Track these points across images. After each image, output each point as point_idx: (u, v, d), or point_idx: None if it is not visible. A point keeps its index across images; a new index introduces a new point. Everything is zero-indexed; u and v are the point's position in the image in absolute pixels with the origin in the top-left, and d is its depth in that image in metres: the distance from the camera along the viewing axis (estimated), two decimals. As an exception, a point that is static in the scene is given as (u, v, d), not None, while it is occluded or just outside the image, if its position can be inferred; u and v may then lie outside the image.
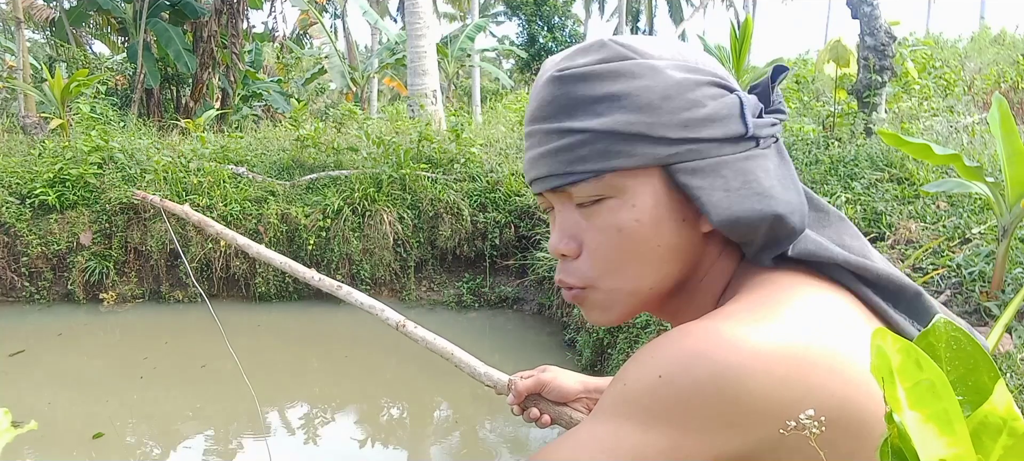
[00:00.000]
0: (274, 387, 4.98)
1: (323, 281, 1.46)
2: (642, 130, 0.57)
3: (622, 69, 0.58)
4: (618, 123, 0.57)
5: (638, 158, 0.57)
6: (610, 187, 0.59)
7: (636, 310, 0.64)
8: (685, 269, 0.62)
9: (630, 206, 0.59)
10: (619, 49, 0.59)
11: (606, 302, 0.63)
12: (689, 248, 0.61)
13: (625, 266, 0.60)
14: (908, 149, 2.84)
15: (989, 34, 11.48)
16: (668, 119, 0.57)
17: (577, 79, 0.59)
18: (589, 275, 0.62)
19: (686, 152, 0.57)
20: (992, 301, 3.08)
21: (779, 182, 0.59)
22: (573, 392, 0.90)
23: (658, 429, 0.50)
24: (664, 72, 0.58)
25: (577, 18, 26.27)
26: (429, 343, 1.19)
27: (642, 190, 0.58)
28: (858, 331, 0.55)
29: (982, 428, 0.30)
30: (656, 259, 0.60)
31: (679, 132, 0.57)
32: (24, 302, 6.71)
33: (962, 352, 0.33)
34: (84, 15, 12.36)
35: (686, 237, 0.61)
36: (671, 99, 0.57)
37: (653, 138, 0.57)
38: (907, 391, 0.30)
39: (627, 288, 0.61)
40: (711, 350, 0.49)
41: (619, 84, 0.57)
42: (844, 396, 0.49)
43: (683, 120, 0.57)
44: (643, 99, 0.57)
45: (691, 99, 0.57)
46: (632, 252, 0.60)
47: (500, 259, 6.73)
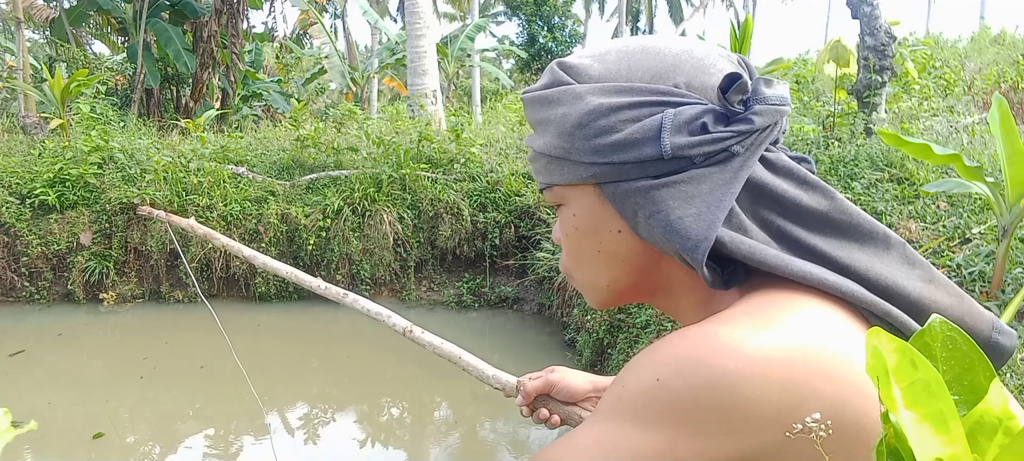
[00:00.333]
0: (274, 387, 4.98)
1: (330, 290, 1.46)
2: (562, 154, 0.62)
3: (551, 97, 0.62)
4: (548, 146, 0.63)
5: (566, 175, 0.63)
6: (559, 196, 0.66)
7: (612, 300, 0.69)
8: (638, 274, 0.65)
9: (571, 214, 0.65)
10: (559, 75, 0.63)
11: (583, 289, 0.70)
12: (633, 256, 0.64)
13: (578, 264, 0.68)
14: (908, 149, 2.84)
15: (989, 34, 11.48)
16: (581, 145, 0.60)
17: (527, 102, 0.66)
18: (566, 265, 0.71)
19: (603, 174, 0.60)
20: (992, 301, 3.08)
21: (697, 211, 0.57)
22: (582, 391, 0.90)
23: (655, 432, 0.50)
24: (583, 98, 0.60)
25: (577, 18, 26.27)
26: (436, 348, 1.20)
27: (580, 201, 0.64)
28: (855, 336, 0.55)
29: (978, 427, 0.30)
30: (601, 262, 0.65)
31: (590, 157, 0.60)
32: (24, 302, 6.71)
33: (958, 352, 0.33)
34: (84, 15, 12.36)
35: (627, 247, 0.63)
36: (582, 127, 0.60)
37: (572, 161, 0.62)
38: (903, 391, 0.30)
39: (589, 282, 0.68)
40: (708, 355, 0.49)
41: (547, 111, 0.63)
42: (842, 400, 0.49)
43: (593, 146, 0.60)
44: (561, 127, 0.61)
45: (602, 126, 0.59)
46: (579, 253, 0.67)
47: (500, 259, 6.73)
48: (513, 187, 6.73)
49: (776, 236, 0.60)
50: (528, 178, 6.84)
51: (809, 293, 0.57)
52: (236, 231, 6.71)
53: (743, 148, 0.58)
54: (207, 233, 1.70)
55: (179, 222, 1.83)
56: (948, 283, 0.62)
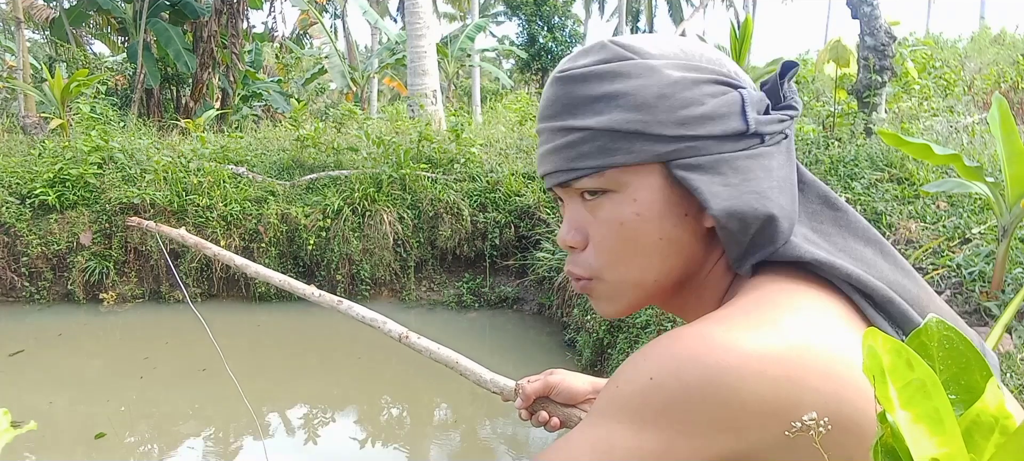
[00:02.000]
0: (274, 387, 4.98)
1: (323, 297, 1.45)
2: (639, 128, 0.58)
3: (619, 69, 0.59)
4: (615, 121, 0.58)
5: (636, 154, 0.59)
6: (612, 182, 0.60)
7: (642, 302, 0.65)
8: (688, 264, 0.63)
9: (631, 200, 0.60)
10: (618, 50, 0.60)
11: (612, 293, 0.64)
12: (691, 243, 0.62)
13: (628, 258, 0.62)
14: (908, 149, 2.84)
15: (989, 34, 11.48)
16: (664, 117, 0.58)
17: (577, 79, 0.61)
18: (595, 266, 0.63)
19: (684, 149, 0.58)
20: (992, 301, 3.08)
21: (778, 184, 0.60)
22: (582, 393, 0.90)
23: (650, 431, 0.50)
24: (661, 71, 0.59)
25: (577, 18, 26.26)
26: (433, 353, 1.18)
27: (642, 185, 0.60)
28: (852, 333, 0.55)
29: (974, 427, 0.30)
30: (658, 252, 0.61)
31: (675, 129, 0.58)
32: (24, 302, 6.71)
33: (954, 351, 0.33)
34: (84, 15, 12.36)
35: (688, 232, 0.61)
36: (667, 98, 0.58)
37: (650, 136, 0.58)
38: (899, 391, 0.30)
39: (631, 280, 0.63)
40: (703, 353, 0.49)
41: (616, 84, 0.59)
42: (838, 398, 0.49)
43: (679, 118, 0.58)
44: (639, 98, 0.58)
45: (688, 97, 0.58)
46: (634, 245, 0.61)
47: (500, 259, 6.73)
48: (513, 187, 6.72)
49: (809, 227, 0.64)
50: (528, 178, 6.84)
51: (812, 284, 0.58)
52: (236, 231, 6.72)
53: (790, 132, 0.63)
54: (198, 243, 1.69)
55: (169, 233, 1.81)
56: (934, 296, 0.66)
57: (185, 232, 1.77)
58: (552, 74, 0.64)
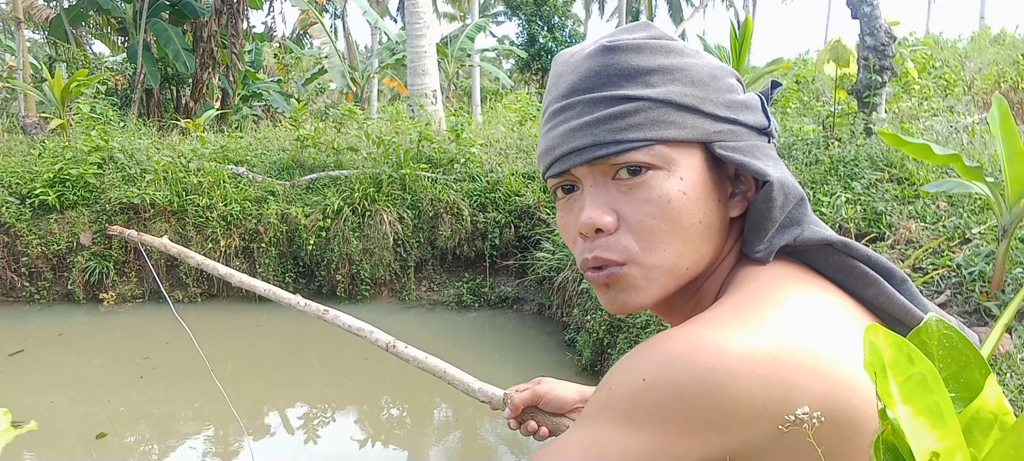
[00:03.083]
0: (274, 387, 4.99)
1: (309, 306, 1.44)
2: (695, 103, 0.59)
3: (673, 46, 0.61)
4: (673, 93, 0.59)
5: (689, 130, 0.59)
6: (659, 157, 0.58)
7: (668, 292, 0.62)
8: (714, 253, 0.63)
9: (678, 178, 0.59)
10: (664, 31, 0.63)
11: (643, 280, 0.61)
12: (720, 231, 0.63)
13: (668, 240, 0.59)
14: (908, 149, 2.84)
15: (989, 34, 11.48)
16: (716, 97, 0.61)
17: (630, 49, 0.60)
18: (631, 249, 0.60)
19: (728, 132, 0.61)
20: (992, 301, 3.08)
21: (790, 175, 0.64)
22: (570, 402, 0.90)
23: (641, 432, 0.50)
24: (705, 56, 0.63)
25: (577, 18, 26.25)
26: (421, 362, 1.16)
27: (689, 163, 0.60)
28: (844, 328, 0.55)
29: (974, 423, 0.31)
30: (696, 236, 0.60)
31: (724, 111, 0.61)
32: (24, 302, 6.71)
33: (954, 349, 0.34)
34: (83, 14, 12.36)
35: (720, 218, 0.63)
36: (717, 79, 0.61)
37: (703, 113, 0.60)
38: (899, 385, 0.30)
39: (667, 265, 0.60)
40: (692, 354, 0.50)
41: (672, 58, 0.60)
42: (828, 395, 0.49)
43: (727, 101, 0.61)
44: (695, 74, 0.60)
45: (730, 84, 0.62)
46: (677, 225, 0.59)
47: (500, 259, 6.73)
48: (513, 187, 6.73)
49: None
50: (528, 178, 6.84)
51: (807, 279, 0.60)
52: (236, 231, 6.72)
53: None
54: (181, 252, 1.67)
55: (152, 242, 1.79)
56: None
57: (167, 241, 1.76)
58: (591, 47, 0.61)
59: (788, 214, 0.62)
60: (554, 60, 0.67)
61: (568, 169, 0.61)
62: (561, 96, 0.62)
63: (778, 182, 0.60)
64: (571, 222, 0.63)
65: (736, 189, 0.64)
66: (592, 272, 0.62)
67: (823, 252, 0.61)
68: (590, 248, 0.61)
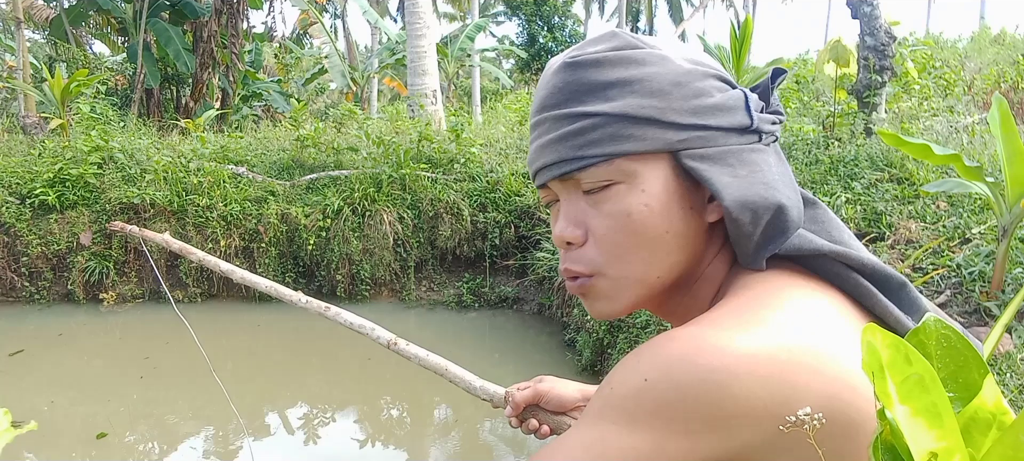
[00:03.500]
0: (275, 387, 4.99)
1: (310, 303, 1.43)
2: (653, 114, 0.58)
3: (634, 56, 0.59)
4: (630, 106, 0.58)
5: (649, 142, 0.58)
6: (620, 172, 0.59)
7: (641, 301, 0.63)
8: (690, 260, 0.63)
9: (640, 190, 0.59)
10: (630, 39, 0.61)
11: (612, 291, 0.62)
12: (695, 238, 0.62)
13: (634, 252, 0.60)
14: (908, 149, 2.85)
15: (989, 34, 11.48)
16: (678, 105, 0.58)
17: (589, 65, 0.60)
18: (597, 262, 0.61)
19: (695, 138, 0.59)
20: (992, 301, 3.08)
21: (779, 177, 0.61)
22: (571, 400, 0.89)
23: (643, 432, 0.50)
24: (673, 61, 0.60)
25: (577, 18, 26.27)
26: (422, 360, 1.16)
27: (652, 175, 0.59)
28: (844, 330, 0.55)
29: (972, 423, 0.31)
30: (664, 246, 0.60)
31: (689, 118, 0.59)
32: (24, 302, 6.71)
33: (952, 349, 0.34)
34: (83, 15, 12.36)
35: (693, 226, 0.61)
36: (681, 86, 0.59)
37: (664, 123, 0.58)
38: (897, 386, 0.30)
39: (635, 276, 0.61)
40: (694, 354, 0.50)
41: (631, 70, 0.59)
42: (829, 396, 0.49)
43: (692, 107, 0.59)
44: (654, 84, 0.59)
45: (699, 88, 0.59)
46: (641, 237, 0.60)
47: (500, 259, 6.73)
48: (513, 187, 6.73)
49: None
50: (528, 178, 6.84)
51: (807, 280, 0.59)
52: (236, 231, 6.72)
53: (779, 135, 0.65)
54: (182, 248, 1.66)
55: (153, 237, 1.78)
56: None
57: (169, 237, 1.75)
58: (557, 62, 0.62)
59: (765, 227, 0.59)
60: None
61: (545, 184, 0.64)
62: (535, 110, 0.64)
63: (735, 203, 0.58)
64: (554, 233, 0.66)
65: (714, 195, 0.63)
66: (568, 281, 0.65)
67: (818, 258, 0.60)
68: (564, 259, 0.64)
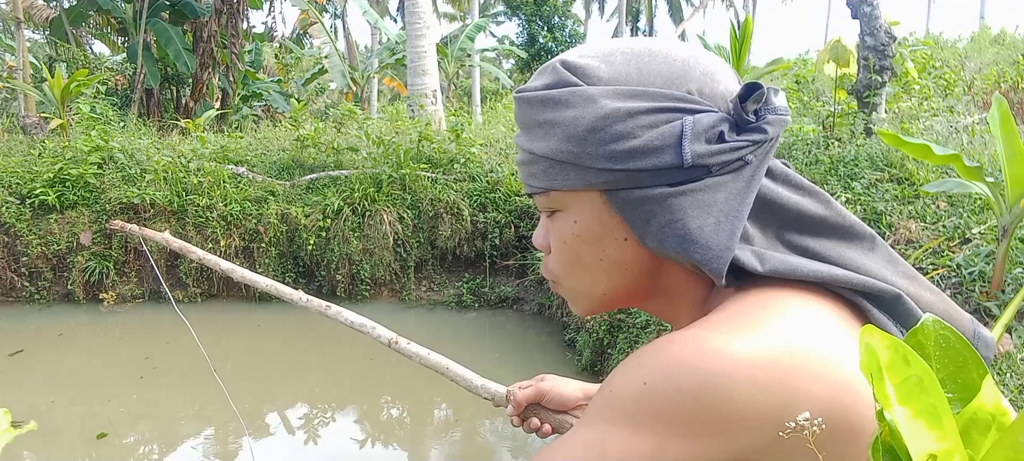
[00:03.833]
0: (274, 387, 4.99)
1: (311, 302, 1.43)
2: (571, 159, 0.59)
3: (559, 97, 0.59)
4: (552, 150, 0.60)
5: (572, 181, 0.60)
6: (557, 202, 0.63)
7: (601, 308, 0.68)
8: (638, 281, 0.64)
9: (572, 221, 0.63)
10: (564, 74, 0.59)
11: (572, 297, 0.69)
12: (635, 263, 0.62)
13: (577, 272, 0.65)
14: (908, 149, 2.85)
15: (989, 34, 11.48)
16: (593, 150, 0.58)
17: (526, 102, 0.62)
18: (556, 272, 0.67)
19: (615, 181, 0.58)
20: (992, 301, 3.08)
21: (716, 220, 0.57)
22: (573, 399, 0.90)
23: (642, 435, 0.50)
24: (597, 101, 0.57)
25: (577, 18, 26.27)
26: (423, 359, 1.16)
27: (583, 208, 0.62)
28: (842, 334, 0.55)
29: (971, 424, 0.31)
30: (602, 270, 0.64)
31: (604, 163, 0.58)
32: (24, 302, 6.71)
33: (951, 350, 0.34)
34: (83, 15, 12.36)
35: (631, 254, 0.62)
36: (597, 132, 0.57)
37: (581, 167, 0.59)
38: (896, 387, 0.30)
39: (582, 290, 0.66)
40: (694, 358, 0.50)
41: (554, 113, 0.59)
42: (830, 399, 0.49)
43: (608, 152, 0.57)
44: (571, 130, 0.59)
45: (618, 131, 0.57)
46: (578, 261, 0.64)
47: (500, 259, 6.73)
48: (513, 187, 6.73)
49: (781, 241, 0.62)
50: (528, 178, 6.84)
51: (801, 290, 0.58)
52: (236, 231, 6.72)
53: (756, 157, 0.58)
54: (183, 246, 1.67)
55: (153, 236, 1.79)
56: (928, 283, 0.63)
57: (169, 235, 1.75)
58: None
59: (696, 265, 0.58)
60: None
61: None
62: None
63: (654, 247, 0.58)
64: None
65: None
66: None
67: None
68: (543, 261, 0.70)
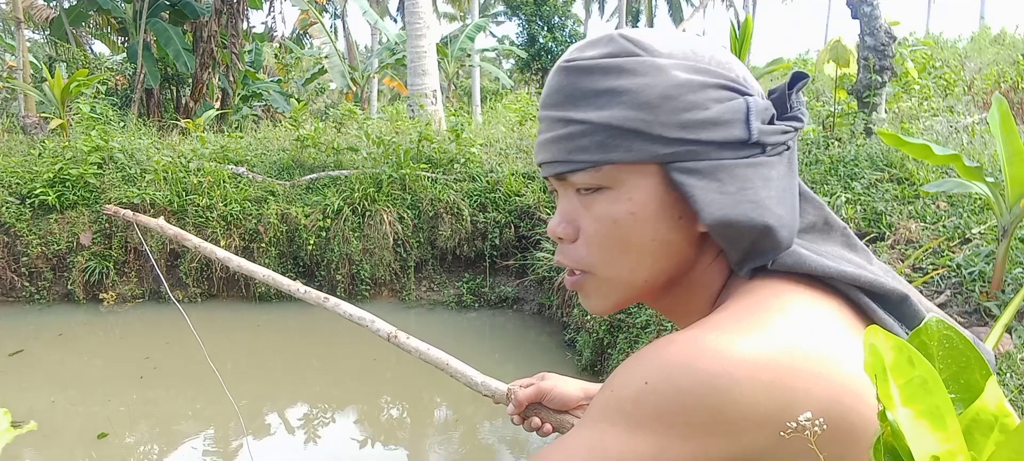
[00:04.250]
0: (274, 386, 4.99)
1: (309, 294, 1.40)
2: (639, 127, 0.57)
3: (625, 65, 0.58)
4: (616, 118, 0.57)
5: (635, 153, 0.58)
6: (608, 178, 0.59)
7: (630, 300, 0.64)
8: (679, 266, 0.62)
9: (626, 199, 0.59)
10: (626, 44, 0.59)
11: (600, 289, 0.64)
12: (684, 246, 0.61)
13: (620, 256, 0.61)
14: (908, 149, 2.85)
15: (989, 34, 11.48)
16: (666, 118, 0.57)
17: (582, 71, 0.59)
18: (586, 260, 0.63)
19: (684, 152, 0.57)
20: (992, 301, 3.08)
21: (777, 194, 0.59)
22: (574, 399, 0.90)
23: (643, 435, 0.50)
24: (668, 71, 0.58)
25: (577, 18, 26.25)
26: (423, 354, 1.15)
27: (639, 184, 0.59)
28: (845, 335, 0.55)
29: (974, 425, 0.31)
30: (649, 253, 0.61)
31: (676, 132, 0.57)
32: (24, 302, 6.71)
33: (954, 350, 0.34)
34: (83, 15, 12.36)
35: (681, 235, 0.61)
36: (671, 99, 0.57)
37: (650, 136, 0.57)
38: (900, 388, 0.30)
39: (621, 278, 0.62)
40: (695, 359, 0.50)
41: (621, 80, 0.58)
42: (831, 400, 0.49)
43: (681, 121, 0.57)
44: (643, 97, 0.57)
45: (692, 101, 0.57)
46: (626, 244, 0.60)
47: (500, 259, 6.73)
48: (513, 187, 6.73)
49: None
50: (528, 178, 6.84)
51: (806, 288, 0.58)
52: (236, 231, 6.72)
53: (793, 144, 0.62)
54: (178, 234, 1.64)
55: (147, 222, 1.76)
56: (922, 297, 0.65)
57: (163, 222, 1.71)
58: (558, 62, 0.62)
59: (750, 244, 0.59)
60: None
61: (546, 177, 0.65)
62: (540, 106, 0.65)
63: (716, 221, 0.57)
64: None
65: None
66: (566, 275, 0.67)
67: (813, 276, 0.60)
68: (557, 253, 0.66)
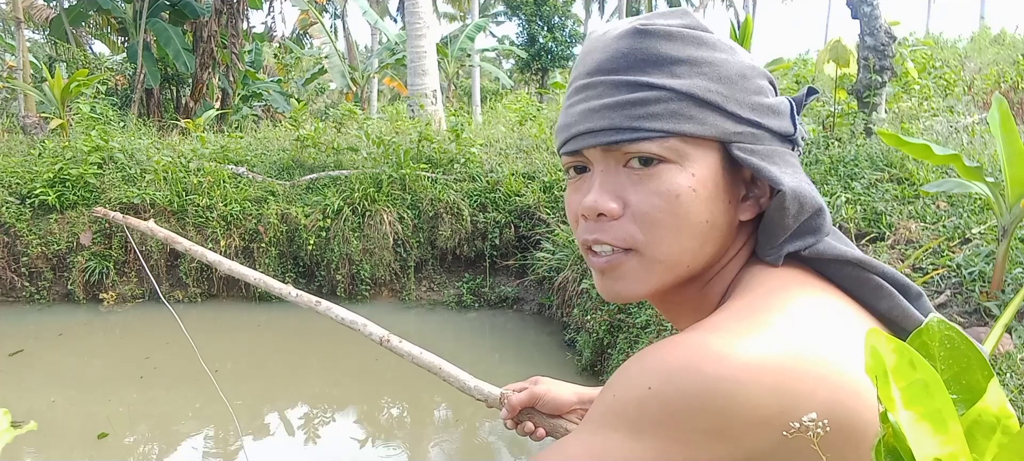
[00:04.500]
0: (274, 387, 4.98)
1: (301, 297, 1.40)
2: (718, 101, 0.58)
3: (706, 38, 0.60)
4: (696, 87, 0.57)
5: (707, 127, 0.58)
6: (673, 151, 0.58)
7: (667, 286, 0.62)
8: (717, 253, 0.63)
9: (690, 174, 0.58)
10: (701, 21, 0.62)
11: (642, 270, 0.60)
12: (726, 234, 0.62)
13: (673, 234, 0.59)
14: (908, 149, 2.84)
15: (989, 34, 11.48)
16: (741, 97, 0.59)
17: (661, 35, 0.58)
18: (635, 238, 0.59)
19: (749, 134, 0.59)
20: (992, 301, 3.08)
21: (809, 183, 0.62)
22: (567, 403, 0.89)
23: (646, 440, 0.50)
24: (739, 53, 0.61)
25: (577, 18, 26.25)
26: (415, 358, 1.13)
27: (703, 161, 0.58)
28: (848, 334, 0.55)
29: (976, 427, 0.30)
30: (701, 234, 0.59)
31: (748, 112, 0.59)
32: (24, 302, 6.71)
33: (956, 351, 0.33)
34: (83, 15, 12.36)
35: (729, 219, 0.62)
36: (746, 79, 0.59)
37: (725, 111, 0.58)
38: (901, 391, 0.30)
39: (670, 258, 0.60)
40: (698, 362, 0.49)
41: (702, 51, 0.59)
42: (834, 402, 0.49)
43: (753, 102, 0.59)
44: (723, 71, 0.58)
45: (760, 85, 0.61)
46: (682, 221, 0.58)
47: (500, 259, 6.73)
48: (513, 187, 6.72)
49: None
50: (528, 178, 6.84)
51: (815, 283, 0.59)
52: (236, 231, 6.71)
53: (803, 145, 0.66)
54: (168, 236, 1.62)
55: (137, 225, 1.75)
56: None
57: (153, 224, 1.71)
58: (624, 26, 0.60)
59: (803, 223, 0.60)
60: (587, 36, 0.67)
61: (581, 150, 0.61)
62: (586, 73, 0.61)
63: (792, 191, 0.58)
64: (577, 202, 0.62)
65: (750, 193, 0.63)
66: (592, 256, 0.62)
67: (837, 263, 0.60)
68: (592, 230, 0.61)
